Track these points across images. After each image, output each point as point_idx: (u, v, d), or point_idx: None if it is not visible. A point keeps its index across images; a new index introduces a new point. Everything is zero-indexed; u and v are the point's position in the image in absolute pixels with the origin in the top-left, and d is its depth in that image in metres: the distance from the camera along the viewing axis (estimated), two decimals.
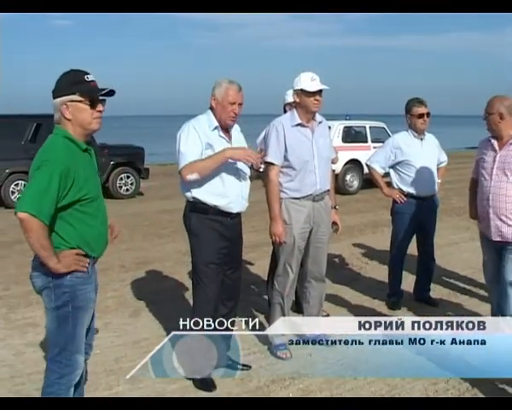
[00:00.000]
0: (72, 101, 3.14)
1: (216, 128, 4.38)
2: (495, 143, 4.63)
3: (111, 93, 3.24)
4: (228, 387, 4.48)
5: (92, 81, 3.19)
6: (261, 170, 4.69)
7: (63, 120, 3.19)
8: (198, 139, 4.30)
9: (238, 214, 4.57)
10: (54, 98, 3.20)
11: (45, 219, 3.03)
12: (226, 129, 4.45)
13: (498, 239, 4.64)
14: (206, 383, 4.45)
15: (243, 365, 4.76)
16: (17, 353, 5.15)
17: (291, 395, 4.37)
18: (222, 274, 4.56)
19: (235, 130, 4.57)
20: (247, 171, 4.54)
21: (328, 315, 5.91)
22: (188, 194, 4.43)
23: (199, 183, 4.33)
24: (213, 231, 4.43)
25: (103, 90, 3.19)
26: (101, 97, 3.21)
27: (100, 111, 3.21)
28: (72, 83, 3.15)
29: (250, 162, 4.39)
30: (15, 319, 5.99)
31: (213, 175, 4.34)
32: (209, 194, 4.36)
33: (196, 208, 4.42)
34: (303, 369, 4.77)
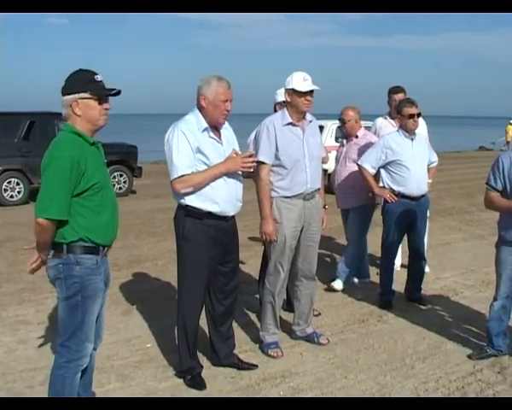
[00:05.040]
0: (82, 98, 3.35)
1: (205, 130, 4.26)
2: None
3: (118, 93, 3.48)
4: (219, 385, 4.49)
5: (100, 81, 3.42)
6: (251, 170, 4.68)
7: (73, 116, 3.39)
8: (188, 146, 4.18)
9: (233, 216, 4.51)
10: (63, 95, 3.39)
11: (65, 216, 3.30)
12: (216, 128, 4.35)
13: None
14: (196, 382, 4.46)
15: (250, 364, 4.79)
16: (9, 350, 5.15)
17: (282, 394, 4.38)
18: (218, 273, 4.52)
19: (226, 128, 4.47)
20: (240, 171, 4.47)
21: (319, 314, 5.93)
22: (182, 201, 4.31)
23: (193, 191, 4.25)
24: (208, 238, 4.33)
25: (112, 90, 3.43)
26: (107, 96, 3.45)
27: (106, 109, 3.44)
28: (84, 82, 3.38)
29: (247, 169, 4.40)
30: (7, 317, 5.98)
31: (208, 183, 4.27)
32: (204, 201, 4.26)
33: (191, 213, 4.31)
34: (294, 367, 4.80)
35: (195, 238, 4.33)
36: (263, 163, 4.80)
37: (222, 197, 4.31)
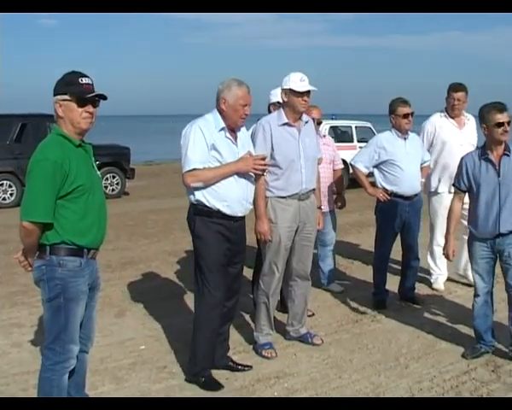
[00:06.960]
0: (64, 100, 3.37)
1: (222, 129, 4.33)
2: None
3: (98, 97, 3.44)
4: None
5: (86, 84, 3.39)
6: (263, 173, 4.70)
7: (58, 118, 3.42)
8: (204, 142, 4.24)
9: (242, 217, 4.53)
10: (53, 96, 3.43)
11: (50, 219, 3.29)
12: (233, 130, 4.41)
13: None
14: (212, 383, 4.45)
15: (244, 365, 4.78)
16: (2, 353, 5.13)
17: (276, 395, 4.37)
18: (227, 274, 4.52)
19: (242, 131, 4.52)
20: (252, 173, 4.50)
21: (313, 314, 5.93)
22: (191, 197, 4.38)
23: (203, 187, 4.30)
24: (217, 234, 4.37)
25: (90, 93, 3.39)
26: (95, 99, 3.43)
27: (89, 112, 3.40)
28: (66, 84, 3.39)
29: (258, 171, 4.47)
30: (0, 320, 5.95)
31: (218, 180, 4.32)
32: (213, 199, 4.31)
33: (200, 211, 4.36)
34: (288, 368, 4.79)
35: (206, 235, 4.38)
36: None
37: (231, 196, 4.35)
